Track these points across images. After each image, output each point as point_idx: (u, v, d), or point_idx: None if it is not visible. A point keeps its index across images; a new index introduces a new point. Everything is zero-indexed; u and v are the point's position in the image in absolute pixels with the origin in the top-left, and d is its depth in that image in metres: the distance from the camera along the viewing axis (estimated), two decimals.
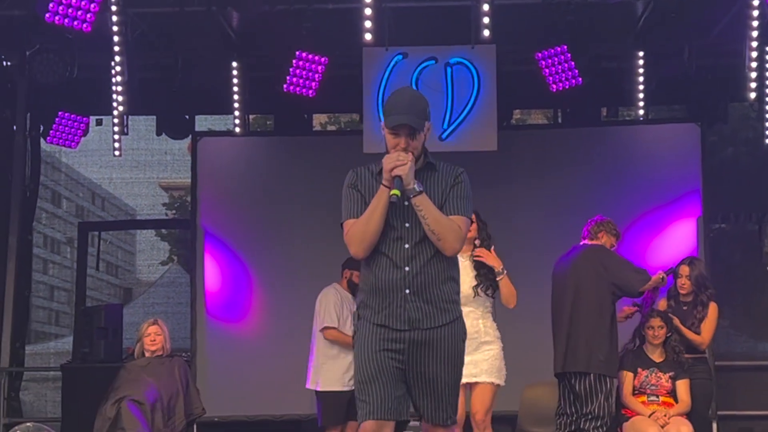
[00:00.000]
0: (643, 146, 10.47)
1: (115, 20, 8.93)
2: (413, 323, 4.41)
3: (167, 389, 7.46)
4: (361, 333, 4.50)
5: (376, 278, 4.46)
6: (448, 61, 9.35)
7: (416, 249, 4.43)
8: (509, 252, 10.01)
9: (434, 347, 4.42)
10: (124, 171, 18.00)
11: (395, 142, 4.44)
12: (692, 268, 7.89)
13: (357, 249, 4.45)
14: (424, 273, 4.43)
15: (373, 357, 4.41)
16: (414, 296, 4.41)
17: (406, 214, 4.43)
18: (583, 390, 7.20)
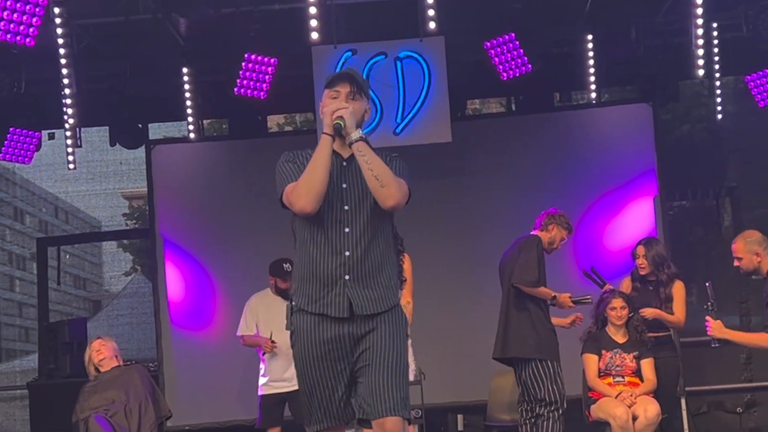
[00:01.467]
0: (597, 129, 10.51)
1: (59, 33, 8.85)
2: (354, 309, 4.22)
3: (134, 394, 7.39)
4: (298, 332, 4.29)
5: (314, 264, 4.24)
6: (397, 55, 9.35)
7: (356, 233, 4.25)
8: (469, 242, 10.17)
9: (376, 336, 4.23)
10: (80, 183, 17.95)
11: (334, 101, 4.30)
12: (648, 249, 7.93)
13: (305, 202, 4.17)
14: (365, 258, 4.24)
15: (313, 365, 4.26)
16: (354, 282, 4.23)
17: (345, 196, 4.26)
18: (526, 377, 7.43)
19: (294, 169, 4.32)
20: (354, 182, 4.29)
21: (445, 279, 10.10)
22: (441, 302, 9.82)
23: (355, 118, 4.24)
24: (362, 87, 4.34)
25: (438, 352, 9.49)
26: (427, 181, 9.77)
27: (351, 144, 4.21)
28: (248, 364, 9.95)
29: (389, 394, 4.17)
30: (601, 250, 10.07)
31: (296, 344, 4.31)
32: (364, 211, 4.27)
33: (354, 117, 4.23)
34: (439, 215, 10.26)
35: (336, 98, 4.30)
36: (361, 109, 4.32)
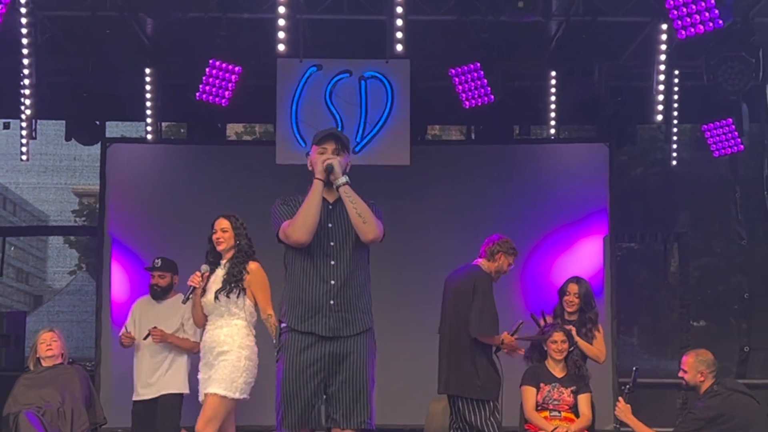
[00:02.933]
0: (553, 164, 10.60)
1: (24, 22, 8.79)
2: (335, 331, 5.00)
3: (70, 397, 7.27)
4: (287, 345, 5.05)
5: (304, 291, 5.03)
6: (362, 74, 9.41)
7: (340, 265, 5.04)
8: (418, 265, 10.17)
9: (350, 356, 5.02)
10: (31, 176, 17.76)
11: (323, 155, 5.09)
12: (580, 286, 8.00)
13: (300, 234, 4.98)
14: (347, 286, 5.04)
15: (295, 378, 4.99)
16: (337, 307, 5.02)
17: (331, 234, 5.06)
18: (465, 411, 7.34)
19: (288, 211, 5.10)
20: (338, 222, 5.09)
21: (391, 302, 10.07)
22: (386, 325, 9.76)
23: (341, 167, 5.06)
24: (346, 145, 5.17)
25: (383, 374, 9.46)
26: (382, 201, 9.73)
27: (338, 187, 5.02)
28: (193, 363, 9.90)
29: (358, 408, 5.03)
30: (547, 284, 10.11)
31: (285, 357, 5.04)
32: (347, 246, 5.06)
33: (340, 166, 5.06)
34: (389, 237, 10.23)
35: (324, 153, 5.09)
36: (345, 162, 5.13)
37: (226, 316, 6.59)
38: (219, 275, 6.65)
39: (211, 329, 6.62)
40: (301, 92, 9.36)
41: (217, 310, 6.59)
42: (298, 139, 9.37)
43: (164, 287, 8.19)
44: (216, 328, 6.57)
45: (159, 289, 8.21)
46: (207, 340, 6.63)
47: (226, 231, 6.74)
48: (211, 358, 6.53)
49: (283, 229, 5.04)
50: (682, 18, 8.24)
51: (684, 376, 7.09)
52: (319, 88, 9.38)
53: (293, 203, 5.11)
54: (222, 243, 6.74)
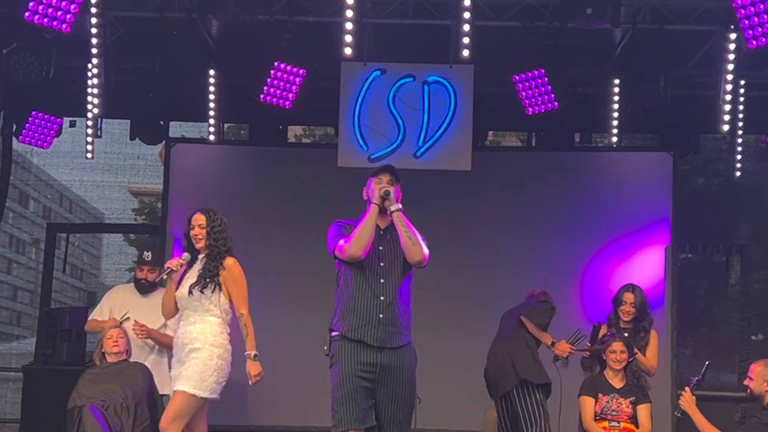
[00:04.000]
0: (615, 173, 10.52)
1: (94, 22, 8.90)
2: (382, 342, 5.56)
3: (133, 393, 7.32)
4: (340, 353, 5.61)
5: (357, 304, 5.61)
6: (425, 79, 9.38)
7: (388, 284, 5.65)
8: (476, 271, 10.16)
9: (397, 370, 5.61)
10: (95, 174, 17.93)
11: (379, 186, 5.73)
12: (636, 295, 7.94)
13: (355, 249, 5.59)
14: (394, 303, 5.63)
15: (350, 380, 5.55)
16: (385, 320, 5.58)
17: (382, 256, 5.68)
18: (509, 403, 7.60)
19: (344, 231, 5.72)
20: (388, 246, 5.72)
21: (448, 305, 10.09)
22: (442, 327, 9.81)
23: (396, 192, 5.72)
24: (398, 178, 5.81)
25: (436, 377, 9.48)
26: (441, 207, 9.80)
27: (392, 213, 5.66)
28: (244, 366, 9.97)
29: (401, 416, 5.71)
30: (606, 293, 10.00)
31: (337, 363, 5.61)
32: (395, 268, 5.69)
33: (394, 195, 5.70)
34: (448, 242, 10.26)
35: (380, 183, 5.75)
36: (398, 193, 5.75)
37: (200, 312, 6.40)
38: (195, 270, 6.49)
39: (185, 325, 6.44)
40: (364, 96, 9.37)
41: (191, 305, 6.40)
42: (360, 143, 9.39)
43: (152, 282, 7.94)
44: (189, 324, 6.39)
45: (147, 283, 7.96)
46: (180, 336, 6.44)
47: (203, 227, 6.53)
48: (182, 354, 6.35)
49: (340, 245, 5.63)
50: (753, 28, 8.14)
51: (749, 384, 6.95)
52: (383, 92, 9.38)
53: (348, 227, 5.73)
54: (200, 239, 6.53)
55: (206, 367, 6.33)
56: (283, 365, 10.04)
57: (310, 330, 10.06)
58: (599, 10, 8.17)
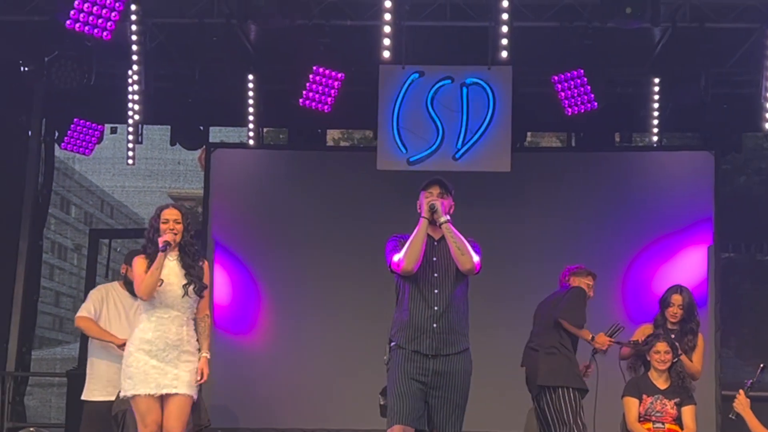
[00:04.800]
0: (656, 172, 10.46)
1: (134, 30, 8.99)
2: (438, 350, 5.70)
3: None
4: (396, 359, 5.77)
5: (412, 316, 5.75)
6: (464, 81, 9.37)
7: (442, 293, 5.75)
8: (517, 272, 10.14)
9: (450, 375, 5.72)
10: (136, 180, 18.04)
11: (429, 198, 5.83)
12: (683, 297, 7.84)
13: (407, 263, 5.72)
14: (448, 311, 5.74)
15: (404, 380, 5.70)
16: (440, 329, 5.71)
17: (435, 266, 5.78)
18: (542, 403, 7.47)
19: (399, 246, 5.84)
20: (441, 256, 5.81)
21: (490, 306, 10.06)
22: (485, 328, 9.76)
23: (444, 207, 5.79)
24: (449, 190, 5.91)
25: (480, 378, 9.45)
26: (480, 208, 9.78)
27: (441, 224, 5.74)
28: (289, 370, 10.02)
29: (454, 419, 5.80)
30: (648, 293, 9.97)
31: (393, 369, 5.77)
32: (448, 277, 5.78)
33: (442, 208, 5.77)
34: (489, 244, 10.18)
35: (429, 197, 5.83)
36: (449, 204, 5.88)
37: (188, 314, 6.34)
38: (171, 268, 6.29)
39: (172, 324, 6.28)
40: (402, 99, 9.37)
41: (182, 305, 6.30)
42: (399, 146, 9.39)
43: None
44: (179, 325, 6.28)
45: None
46: (169, 334, 6.27)
47: (179, 222, 6.33)
48: (173, 355, 6.24)
49: (395, 261, 5.78)
50: None
51: None
52: (421, 94, 9.38)
53: (404, 241, 5.82)
54: (177, 234, 6.33)
55: (195, 372, 6.35)
56: (323, 369, 10.09)
57: (351, 334, 10.14)
58: (638, 10, 8.12)
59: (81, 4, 8.00)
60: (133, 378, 6.23)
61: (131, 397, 6.26)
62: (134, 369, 6.24)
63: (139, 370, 6.24)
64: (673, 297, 7.82)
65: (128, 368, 6.26)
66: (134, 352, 6.25)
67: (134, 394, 6.25)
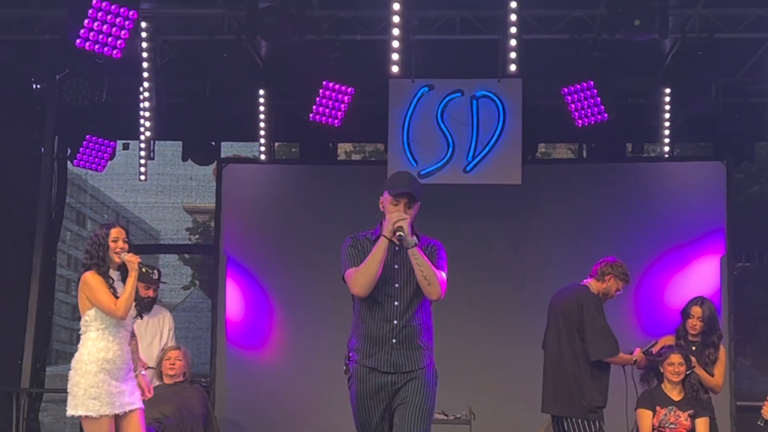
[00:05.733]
0: (667, 183, 10.44)
1: (144, 47, 9.05)
2: (397, 367, 5.20)
3: (189, 414, 7.40)
4: (355, 377, 5.27)
5: (369, 329, 5.23)
6: (474, 93, 9.40)
7: (404, 306, 5.23)
8: (529, 283, 10.12)
9: (412, 385, 5.21)
10: (149, 195, 18.07)
11: (395, 209, 5.17)
12: (704, 309, 7.79)
13: (359, 289, 5.15)
14: (409, 326, 5.23)
15: (364, 405, 5.25)
16: (399, 344, 5.21)
17: (397, 276, 5.23)
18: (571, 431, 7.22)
19: (356, 255, 5.24)
20: (404, 264, 5.23)
21: (501, 318, 10.08)
22: (495, 341, 9.81)
23: (410, 223, 5.16)
24: (418, 197, 5.24)
25: (489, 393, 9.45)
26: (492, 221, 9.79)
27: (408, 248, 5.12)
28: (303, 385, 10.00)
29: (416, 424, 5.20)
30: (661, 305, 9.96)
31: (353, 386, 5.29)
32: (409, 288, 5.24)
33: (409, 228, 5.14)
34: (500, 255, 10.26)
35: (397, 205, 5.18)
36: (415, 214, 5.25)
37: (130, 331, 6.40)
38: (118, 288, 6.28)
39: (124, 343, 6.33)
40: (413, 112, 9.40)
41: (129, 323, 6.35)
42: (409, 159, 9.41)
43: (153, 299, 7.86)
44: (127, 343, 6.33)
45: (150, 301, 7.77)
46: (124, 353, 6.31)
47: (126, 241, 6.34)
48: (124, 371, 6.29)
49: (347, 276, 5.22)
50: None
51: None
52: (431, 107, 9.40)
53: (362, 247, 5.25)
54: (125, 252, 6.33)
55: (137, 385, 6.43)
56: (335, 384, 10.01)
57: None
58: (647, 22, 8.11)
59: (91, 24, 8.02)
60: (99, 399, 6.15)
61: (97, 417, 6.11)
62: (100, 390, 6.17)
63: (104, 391, 6.19)
64: (692, 309, 7.77)
65: (92, 389, 6.15)
66: (98, 372, 6.17)
67: (101, 414, 6.16)
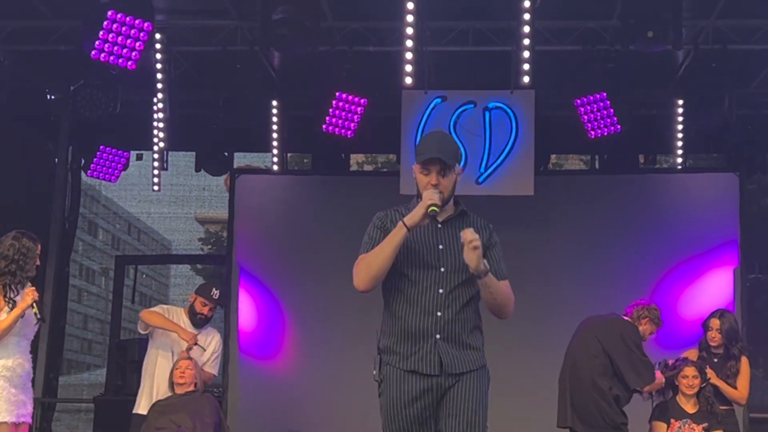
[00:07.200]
0: (680, 194, 10.40)
1: (158, 58, 9.10)
2: (444, 368, 4.29)
3: (201, 423, 7.38)
4: (388, 383, 4.38)
5: (406, 323, 4.34)
6: (486, 105, 9.40)
7: (450, 295, 4.32)
8: (541, 295, 10.10)
9: (459, 391, 4.30)
10: (162, 206, 18.19)
11: (426, 180, 4.34)
12: (722, 321, 7.78)
13: (360, 282, 4.38)
14: (456, 320, 4.32)
15: (400, 413, 4.33)
16: (444, 342, 4.30)
17: (442, 258, 4.34)
18: None
19: (378, 238, 4.40)
20: (450, 244, 4.37)
21: (514, 329, 9.99)
22: (509, 354, 9.76)
23: (445, 195, 4.34)
24: (450, 163, 4.37)
25: (504, 404, 9.41)
26: (504, 232, 9.68)
27: (479, 278, 4.24)
28: (315, 395, 9.99)
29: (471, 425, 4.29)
30: (674, 317, 9.91)
31: (384, 395, 4.40)
32: (458, 274, 4.33)
33: (444, 196, 4.33)
34: (513, 267, 10.15)
35: (428, 175, 4.35)
36: (453, 180, 4.39)
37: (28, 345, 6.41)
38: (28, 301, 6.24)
39: (27, 353, 6.32)
40: (425, 123, 9.40)
41: (32, 333, 6.36)
42: None
43: (208, 318, 7.81)
44: (29, 353, 6.33)
45: (203, 319, 7.74)
46: (26, 363, 6.30)
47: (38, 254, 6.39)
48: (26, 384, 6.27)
49: (356, 262, 4.43)
50: None
51: None
52: (444, 119, 9.40)
53: (388, 226, 4.39)
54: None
55: None
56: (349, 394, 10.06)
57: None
58: (660, 33, 8.12)
59: (106, 35, 8.08)
60: None
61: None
62: None
63: (2, 397, 6.13)
64: (711, 321, 7.79)
65: None
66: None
67: (1, 421, 6.13)
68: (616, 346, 7.24)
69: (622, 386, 7.22)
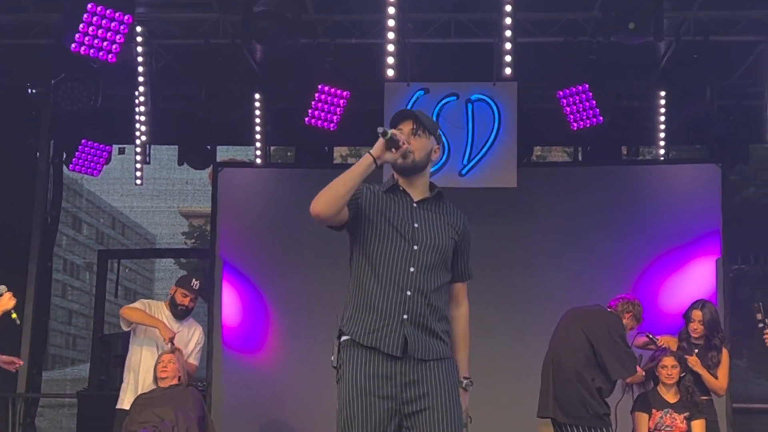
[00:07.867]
0: (663, 186, 10.43)
1: (140, 51, 9.07)
2: (408, 350, 4.01)
3: (184, 416, 7.38)
4: (347, 362, 4.09)
5: (373, 298, 4.08)
6: (469, 97, 9.40)
7: (421, 276, 4.10)
8: (525, 286, 10.13)
9: (430, 382, 4.02)
10: (145, 200, 18.12)
11: None
12: (704, 313, 7.81)
13: (321, 206, 4.15)
14: (426, 304, 4.08)
15: (359, 399, 4.00)
16: (411, 324, 4.04)
17: (416, 236, 4.14)
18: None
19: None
20: (425, 224, 4.19)
21: (498, 320, 10.06)
22: (492, 344, 9.78)
23: (418, 155, 4.19)
24: (426, 126, 4.23)
25: (487, 394, 9.43)
26: (488, 224, 9.77)
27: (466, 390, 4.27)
28: (299, 388, 9.99)
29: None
30: (656, 308, 9.94)
31: (343, 377, 4.12)
32: (431, 255, 4.14)
33: (414, 157, 4.19)
34: (497, 258, 10.25)
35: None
36: (427, 147, 4.23)
37: None
38: None
39: None
40: None
41: None
42: None
43: (189, 309, 7.81)
44: None
45: (184, 310, 7.74)
46: None
47: None
48: None
49: None
50: None
51: None
52: (427, 111, 9.18)
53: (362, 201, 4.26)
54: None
55: None
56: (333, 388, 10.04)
57: None
58: (642, 25, 8.13)
59: (86, 28, 8.04)
60: None
61: None
62: None
63: None
64: (693, 313, 7.81)
65: None
66: None
67: None
68: (601, 337, 7.24)
69: (604, 377, 7.23)
